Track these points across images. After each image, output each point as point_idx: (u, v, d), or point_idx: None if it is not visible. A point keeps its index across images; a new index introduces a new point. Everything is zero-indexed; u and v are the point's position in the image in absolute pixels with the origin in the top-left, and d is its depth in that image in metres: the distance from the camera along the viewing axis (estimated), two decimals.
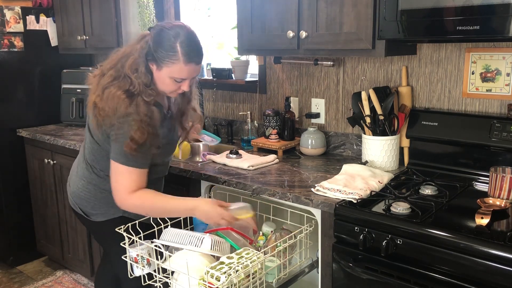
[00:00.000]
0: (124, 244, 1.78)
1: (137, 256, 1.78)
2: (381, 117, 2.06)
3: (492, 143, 1.88)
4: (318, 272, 1.88)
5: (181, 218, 1.94)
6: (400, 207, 1.60)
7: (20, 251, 3.43)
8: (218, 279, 1.50)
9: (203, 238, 1.67)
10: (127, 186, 1.71)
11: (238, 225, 1.80)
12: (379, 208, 1.67)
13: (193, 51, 1.69)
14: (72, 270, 3.27)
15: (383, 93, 2.14)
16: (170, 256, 1.70)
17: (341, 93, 2.42)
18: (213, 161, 2.32)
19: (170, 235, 1.74)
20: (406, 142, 2.17)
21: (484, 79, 1.98)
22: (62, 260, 3.27)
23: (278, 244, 1.78)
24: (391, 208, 1.62)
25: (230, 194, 2.22)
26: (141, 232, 1.76)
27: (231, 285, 1.52)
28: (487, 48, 1.95)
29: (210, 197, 2.20)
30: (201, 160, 2.33)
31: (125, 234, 1.76)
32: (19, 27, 3.27)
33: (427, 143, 2.08)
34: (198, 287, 1.57)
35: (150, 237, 1.82)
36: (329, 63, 2.36)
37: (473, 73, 2.00)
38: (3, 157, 3.26)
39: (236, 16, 2.34)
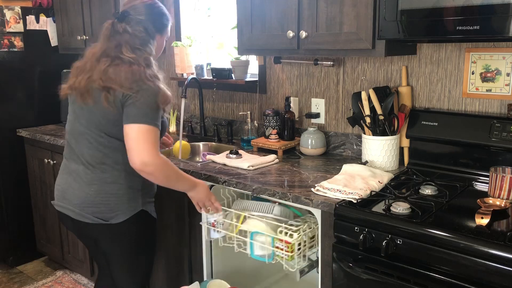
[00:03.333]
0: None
1: (214, 221, 2.12)
2: (381, 117, 2.06)
3: (492, 143, 1.88)
4: (318, 272, 1.88)
5: None
6: (400, 207, 1.60)
7: (20, 251, 3.43)
8: (291, 236, 1.84)
9: (274, 206, 1.98)
10: (155, 144, 1.74)
11: None
12: (379, 208, 1.67)
13: None
14: (72, 270, 3.27)
15: (383, 93, 2.14)
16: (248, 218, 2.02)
17: (341, 93, 2.42)
18: (213, 161, 2.32)
19: (242, 204, 2.08)
20: (406, 142, 2.17)
21: (484, 79, 1.98)
22: (62, 260, 3.27)
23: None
24: (391, 208, 1.62)
25: (230, 194, 2.22)
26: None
27: (302, 242, 1.87)
28: (487, 48, 1.95)
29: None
30: (201, 160, 2.33)
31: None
32: (19, 27, 3.27)
33: (427, 143, 2.08)
34: (273, 243, 1.91)
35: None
36: (329, 63, 2.36)
37: (473, 73, 2.00)
38: (3, 157, 3.26)
39: (236, 16, 2.34)
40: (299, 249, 1.88)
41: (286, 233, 1.86)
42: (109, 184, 1.82)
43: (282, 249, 1.88)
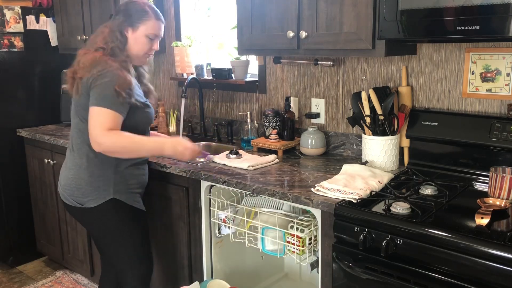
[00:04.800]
0: (213, 207, 2.16)
1: (225, 217, 2.17)
2: (381, 117, 2.06)
3: (492, 143, 1.88)
4: (318, 272, 1.88)
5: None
6: (400, 207, 1.60)
7: (20, 251, 3.43)
8: (302, 231, 1.90)
9: (283, 202, 2.00)
10: (103, 124, 1.82)
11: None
12: (379, 208, 1.67)
13: (158, 11, 2.05)
14: (72, 270, 3.27)
15: (383, 93, 2.14)
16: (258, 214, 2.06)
17: (341, 93, 2.42)
18: (213, 161, 2.31)
19: (251, 201, 2.12)
20: (406, 142, 2.17)
21: (484, 79, 1.98)
22: (62, 260, 3.27)
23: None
24: (391, 208, 1.62)
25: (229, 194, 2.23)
26: (225, 199, 2.14)
27: (312, 236, 1.93)
28: (487, 48, 1.95)
29: (209, 197, 2.21)
30: (201, 160, 2.33)
31: (215, 198, 2.13)
32: (19, 27, 3.27)
33: (427, 143, 2.08)
34: (284, 238, 1.97)
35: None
36: (329, 63, 2.36)
37: (473, 73, 2.00)
38: (3, 157, 3.26)
39: (236, 16, 2.34)
40: (309, 243, 1.93)
41: (297, 228, 1.92)
42: (83, 170, 1.97)
43: (293, 244, 1.93)
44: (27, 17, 3.30)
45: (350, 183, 1.85)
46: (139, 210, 2.07)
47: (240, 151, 2.38)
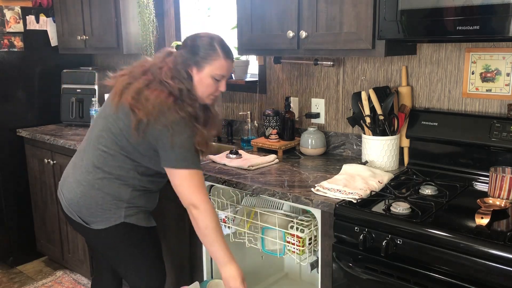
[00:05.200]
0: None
1: (225, 217, 2.16)
2: (381, 117, 2.06)
3: (492, 143, 1.88)
4: (318, 272, 1.88)
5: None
6: (400, 207, 1.60)
7: (20, 251, 3.43)
8: (302, 231, 1.90)
9: (283, 202, 2.00)
10: (200, 187, 1.73)
11: None
12: (379, 208, 1.67)
13: (229, 48, 1.83)
14: (72, 270, 3.27)
15: (383, 93, 2.14)
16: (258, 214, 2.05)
17: (341, 93, 2.42)
18: (213, 161, 2.31)
19: (251, 201, 2.11)
20: (406, 142, 2.17)
21: (484, 79, 1.98)
22: (62, 260, 3.27)
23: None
24: (391, 208, 1.62)
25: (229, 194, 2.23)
26: (225, 199, 2.13)
27: (312, 236, 1.93)
28: (487, 48, 1.95)
29: (209, 197, 2.20)
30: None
31: (215, 198, 2.10)
32: (19, 27, 3.27)
33: (427, 143, 2.08)
34: (284, 238, 1.96)
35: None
36: (329, 63, 2.36)
37: (473, 73, 2.00)
38: (3, 157, 3.26)
39: (236, 16, 2.34)
40: (309, 243, 1.93)
41: (297, 228, 1.92)
42: (95, 190, 1.80)
43: (293, 244, 1.93)
44: (27, 17, 3.30)
45: (350, 183, 1.85)
46: (148, 227, 1.93)
47: (240, 151, 2.38)
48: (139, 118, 1.69)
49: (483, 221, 1.49)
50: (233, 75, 2.79)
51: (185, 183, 1.73)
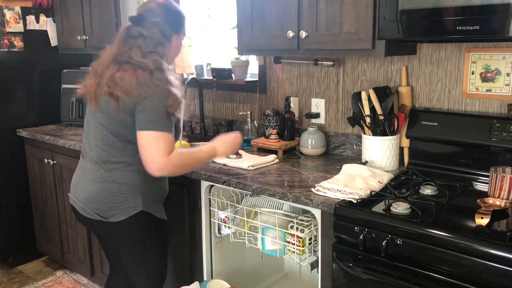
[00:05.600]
0: (214, 207, 2.14)
1: (225, 217, 2.16)
2: (381, 117, 2.06)
3: (492, 143, 1.88)
4: (318, 272, 1.88)
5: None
6: (400, 207, 1.60)
7: (20, 251, 3.43)
8: (302, 231, 1.91)
9: (283, 202, 2.00)
10: (166, 149, 1.75)
11: None
12: (379, 208, 1.67)
13: None
14: (72, 270, 3.27)
15: (383, 93, 2.14)
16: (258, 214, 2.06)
17: (341, 93, 2.42)
18: (213, 161, 2.31)
19: (251, 201, 2.11)
20: (406, 142, 2.17)
21: (484, 79, 1.98)
22: (62, 260, 3.27)
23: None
24: (391, 208, 1.62)
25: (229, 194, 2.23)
26: (225, 199, 2.14)
27: (312, 236, 1.93)
28: (487, 48, 1.95)
29: (209, 197, 2.21)
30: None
31: (215, 198, 2.12)
32: (19, 27, 3.27)
33: (427, 143, 2.08)
34: (284, 238, 1.97)
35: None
36: (329, 63, 2.36)
37: (473, 73, 2.00)
38: (3, 157, 3.26)
39: (236, 16, 2.34)
40: (309, 243, 1.93)
41: (297, 228, 1.93)
42: (110, 183, 1.84)
43: (293, 244, 1.94)
44: (27, 17, 3.30)
45: (350, 183, 1.85)
46: (162, 220, 1.98)
47: (240, 151, 2.38)
48: (117, 96, 1.75)
49: (483, 221, 1.49)
50: (233, 75, 2.79)
51: (150, 144, 1.74)
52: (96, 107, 1.85)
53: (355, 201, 1.71)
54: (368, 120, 2.09)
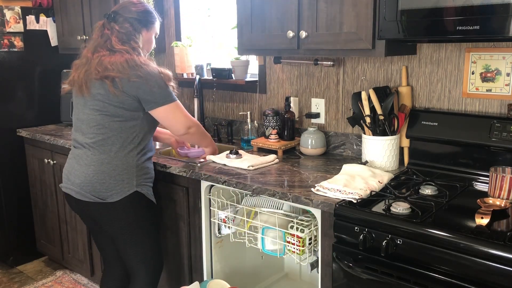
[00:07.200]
0: (213, 207, 2.19)
1: (225, 217, 2.18)
2: (381, 117, 2.06)
3: (492, 143, 1.88)
4: (318, 272, 1.88)
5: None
6: (400, 207, 1.60)
7: (20, 251, 3.43)
8: (302, 231, 1.91)
9: (283, 202, 2.01)
10: (185, 112, 2.08)
11: None
12: (379, 208, 1.67)
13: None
14: (72, 270, 3.27)
15: (383, 93, 2.14)
16: (258, 214, 2.06)
17: (341, 93, 2.42)
18: (213, 161, 2.31)
19: (251, 201, 2.12)
20: (406, 142, 2.17)
21: (484, 79, 1.98)
22: (62, 260, 3.27)
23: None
24: (391, 208, 1.62)
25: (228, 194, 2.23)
26: (225, 199, 2.16)
27: (312, 236, 1.93)
28: (487, 48, 1.95)
29: (209, 197, 2.21)
30: (202, 160, 2.33)
31: (215, 198, 2.15)
32: (19, 27, 3.27)
33: (427, 143, 2.08)
34: (284, 238, 1.97)
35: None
36: (329, 63, 2.36)
37: (473, 73, 2.00)
38: (3, 157, 3.26)
39: (236, 16, 2.34)
40: (309, 243, 1.93)
41: (297, 228, 1.94)
42: (105, 164, 1.97)
43: (293, 244, 1.94)
44: (27, 17, 3.30)
45: (350, 183, 1.85)
46: (153, 203, 2.12)
47: (240, 151, 2.38)
48: (112, 77, 1.90)
49: (483, 221, 1.49)
50: (233, 75, 2.79)
51: (177, 113, 2.03)
52: (88, 94, 1.96)
53: (355, 201, 1.71)
54: (368, 120, 2.09)
